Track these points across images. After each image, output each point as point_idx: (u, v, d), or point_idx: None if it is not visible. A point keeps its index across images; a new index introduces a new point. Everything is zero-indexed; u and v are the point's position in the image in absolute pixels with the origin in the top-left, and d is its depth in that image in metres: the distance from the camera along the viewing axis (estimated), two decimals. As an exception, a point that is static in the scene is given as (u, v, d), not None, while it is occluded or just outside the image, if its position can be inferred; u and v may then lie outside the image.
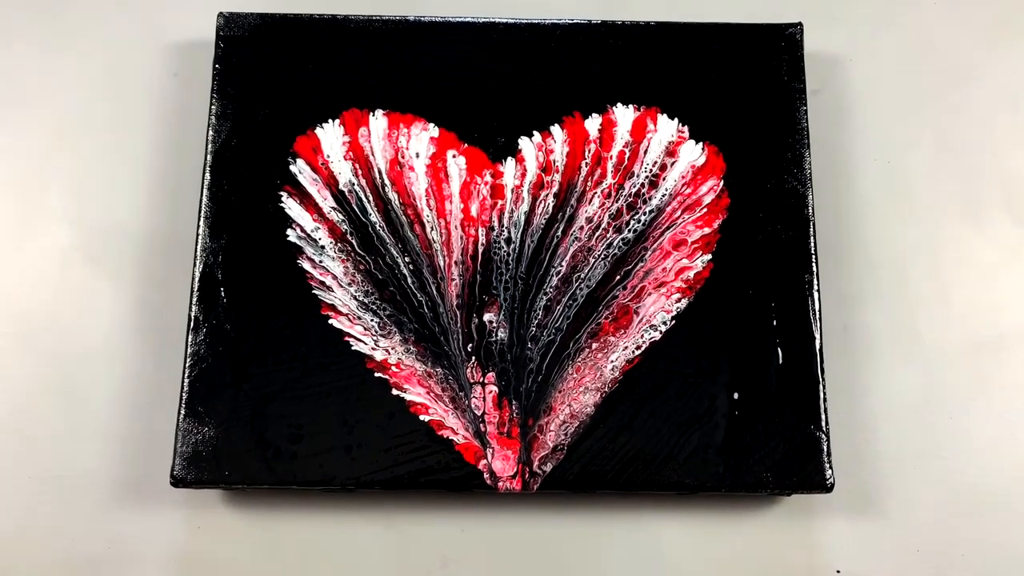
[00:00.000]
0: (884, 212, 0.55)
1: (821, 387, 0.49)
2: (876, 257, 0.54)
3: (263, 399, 0.48)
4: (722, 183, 0.51)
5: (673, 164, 0.51)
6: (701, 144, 0.52)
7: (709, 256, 0.50)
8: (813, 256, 0.50)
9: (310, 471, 0.47)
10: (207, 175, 0.50)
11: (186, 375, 0.48)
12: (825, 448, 0.48)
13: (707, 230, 0.50)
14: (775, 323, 0.49)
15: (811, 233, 0.50)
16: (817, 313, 0.49)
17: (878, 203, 0.55)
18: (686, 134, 0.52)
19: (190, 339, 0.48)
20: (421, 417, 0.48)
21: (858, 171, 0.55)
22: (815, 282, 0.50)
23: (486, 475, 0.47)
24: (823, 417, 0.48)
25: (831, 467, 0.47)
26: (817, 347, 0.49)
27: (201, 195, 0.50)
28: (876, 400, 0.51)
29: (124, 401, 0.50)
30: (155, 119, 0.55)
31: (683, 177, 0.51)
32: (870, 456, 0.51)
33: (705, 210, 0.51)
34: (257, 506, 0.50)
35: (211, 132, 0.51)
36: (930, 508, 0.50)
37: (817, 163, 0.54)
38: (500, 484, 0.47)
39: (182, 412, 0.47)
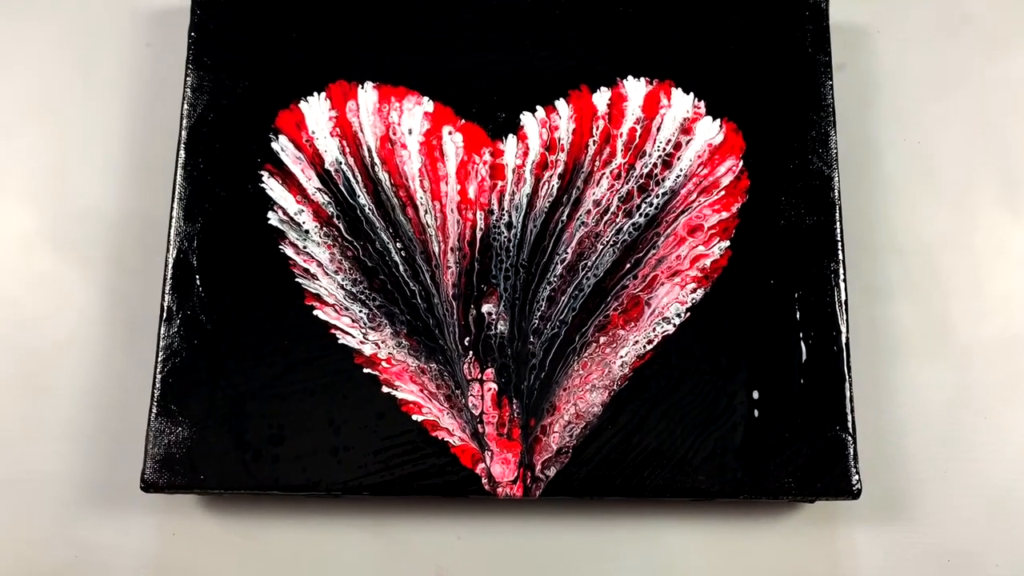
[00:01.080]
0: (914, 196, 0.53)
1: (847, 385, 0.47)
2: (905, 245, 0.52)
3: (242, 397, 0.46)
4: (741, 163, 0.49)
5: (688, 142, 0.49)
6: (719, 121, 0.49)
7: (727, 243, 0.48)
8: (839, 244, 0.48)
9: (293, 475, 0.45)
10: (181, 153, 0.48)
11: (158, 370, 0.46)
12: (852, 451, 0.46)
13: (725, 215, 0.48)
14: (798, 316, 0.47)
15: (837, 218, 0.48)
16: (843, 305, 0.47)
17: (907, 186, 0.53)
18: (702, 110, 0.50)
19: (162, 331, 0.46)
20: (414, 417, 0.46)
21: (886, 152, 0.53)
22: (841, 271, 0.48)
23: (484, 480, 0.45)
24: (849, 418, 0.46)
25: (858, 472, 0.46)
26: (843, 342, 0.47)
27: (175, 175, 0.48)
28: (904, 399, 0.50)
29: (92, 398, 0.49)
30: (126, 92, 0.53)
31: (699, 157, 0.49)
32: (898, 459, 0.49)
33: (723, 193, 0.49)
34: (236, 512, 0.48)
35: (186, 106, 0.49)
36: (962, 514, 0.48)
37: (842, 143, 0.51)
38: (499, 490, 0.45)
39: (154, 410, 0.45)
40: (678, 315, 0.47)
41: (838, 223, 0.48)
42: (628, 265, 0.48)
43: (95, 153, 0.52)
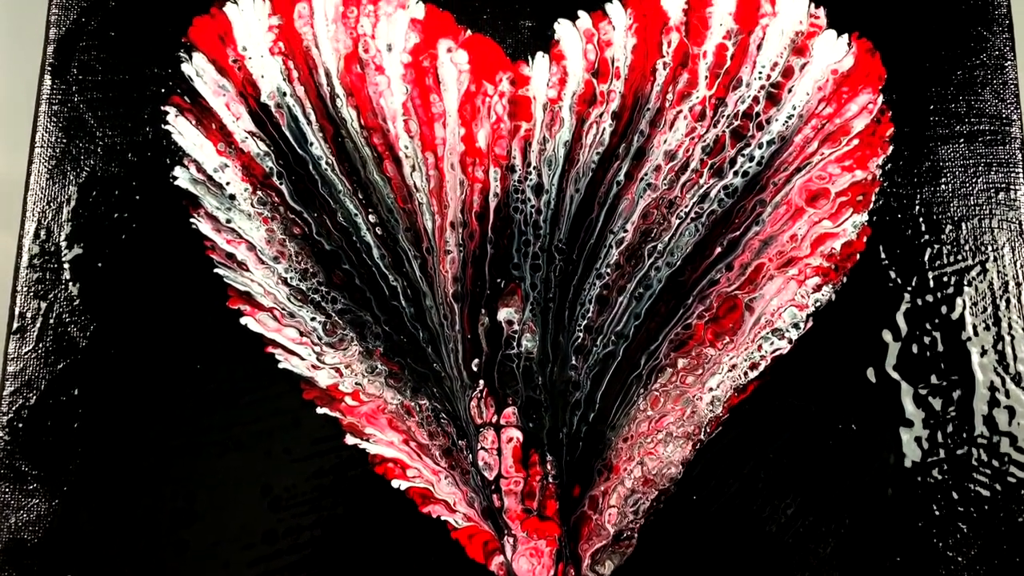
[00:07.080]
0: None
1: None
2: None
3: (132, 452, 0.39)
4: (881, 99, 0.41)
5: (804, 68, 0.42)
6: (846, 37, 0.42)
7: (864, 216, 0.41)
8: (1029, 216, 0.40)
9: (209, 573, 0.38)
10: (47, 80, 0.42)
11: (2, 410, 0.39)
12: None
13: (860, 174, 0.41)
14: (970, 326, 0.38)
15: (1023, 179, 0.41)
16: (1040, 308, 0.40)
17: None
18: (822, 21, 0.42)
19: (11, 349, 0.40)
20: (394, 483, 0.39)
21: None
22: (1032, 258, 0.40)
23: (503, 581, 0.37)
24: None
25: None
26: (1042, 364, 0.39)
27: (36, 111, 0.41)
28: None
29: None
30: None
31: (820, 89, 0.41)
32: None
33: (856, 142, 0.41)
34: (127, 623, 0.40)
35: (54, 9, 0.42)
36: None
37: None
38: (527, 596, 0.37)
39: (-4, 472, 0.38)
40: (795, 325, 0.40)
41: (1025, 185, 0.40)
42: (719, 250, 0.41)
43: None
